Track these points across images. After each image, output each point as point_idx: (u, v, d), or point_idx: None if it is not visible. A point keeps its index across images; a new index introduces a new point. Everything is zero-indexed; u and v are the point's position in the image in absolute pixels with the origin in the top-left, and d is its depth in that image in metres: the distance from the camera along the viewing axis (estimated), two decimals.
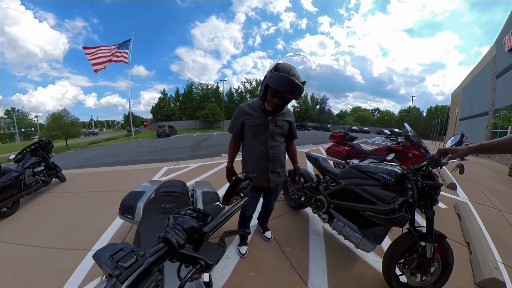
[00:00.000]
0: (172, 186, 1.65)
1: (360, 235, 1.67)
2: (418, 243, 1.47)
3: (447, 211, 3.07)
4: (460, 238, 2.37)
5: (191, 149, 9.89)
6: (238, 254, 1.87)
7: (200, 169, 5.12)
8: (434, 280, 1.51)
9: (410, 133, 3.13)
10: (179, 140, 15.97)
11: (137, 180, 3.69)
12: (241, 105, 1.62)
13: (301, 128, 32.40)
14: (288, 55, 1.57)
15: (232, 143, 1.72)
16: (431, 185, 1.44)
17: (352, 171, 1.89)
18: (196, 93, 45.41)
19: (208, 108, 37.47)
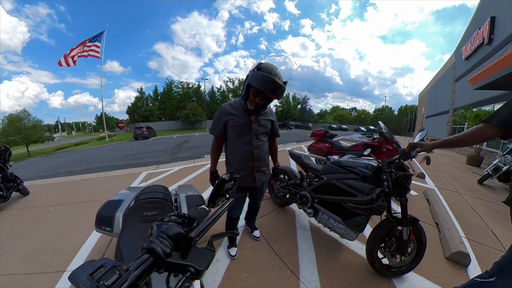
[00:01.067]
0: (153, 191, 1.56)
1: (344, 226, 1.79)
2: (395, 228, 1.63)
3: (418, 198, 3.42)
4: (430, 220, 2.68)
5: (171, 152, 9.45)
6: (228, 257, 1.84)
7: (182, 172, 4.91)
8: (411, 259, 1.70)
9: (384, 130, 3.46)
10: (159, 142, 15.11)
11: (114, 188, 3.43)
12: (222, 106, 1.58)
13: (283, 127, 33.05)
14: (271, 55, 1.59)
15: (214, 145, 1.67)
16: (403, 175, 1.60)
17: (333, 166, 2.01)
18: (176, 92, 42.76)
19: (189, 108, 35.59)
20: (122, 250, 0.96)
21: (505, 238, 2.31)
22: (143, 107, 38.87)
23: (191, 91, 43.52)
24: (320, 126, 37.97)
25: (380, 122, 3.75)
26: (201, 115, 36.10)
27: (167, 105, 40.28)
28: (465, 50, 10.51)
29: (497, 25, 7.77)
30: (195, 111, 35.36)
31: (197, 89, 44.16)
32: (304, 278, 1.66)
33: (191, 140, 14.92)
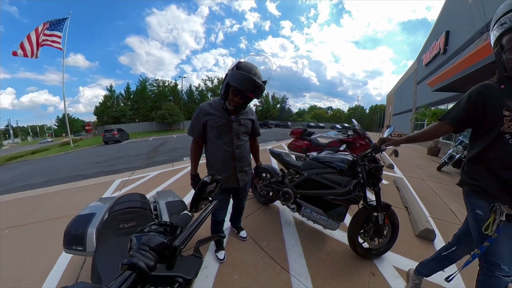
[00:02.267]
0: (129, 201, 1.44)
1: (326, 217, 1.90)
2: (371, 214, 1.78)
3: (389, 186, 3.84)
4: (400, 205, 3.01)
5: (147, 156, 8.81)
6: (217, 261, 1.79)
7: (160, 177, 4.61)
8: (387, 240, 1.89)
9: (357, 127, 3.77)
10: (132, 146, 13.96)
11: (83, 201, 3.05)
12: (201, 105, 1.53)
13: (263, 126, 33.42)
14: (251, 55, 1.58)
15: (194, 147, 1.60)
16: (376, 167, 1.76)
17: (312, 162, 2.11)
18: (151, 90, 39.62)
19: (165, 108, 33.00)
20: (99, 270, 0.86)
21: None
22: (114, 107, 35.19)
23: (167, 89, 40.71)
24: (298, 124, 39.30)
25: (354, 120, 4.07)
26: (178, 115, 33.90)
27: (141, 105, 37.13)
28: (425, 58, 12.06)
29: (451, 38, 9.18)
30: (172, 111, 33.00)
31: (174, 87, 41.49)
32: (294, 271, 1.72)
33: (169, 142, 14.13)
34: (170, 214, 1.45)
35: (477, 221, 1.07)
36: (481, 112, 1.03)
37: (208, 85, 45.76)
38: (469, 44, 7.47)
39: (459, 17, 8.36)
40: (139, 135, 26.14)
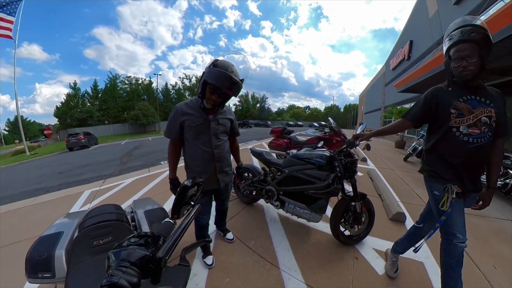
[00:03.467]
0: (102, 213, 1.30)
1: (309, 211, 2.00)
2: (350, 204, 1.94)
3: (363, 177, 4.22)
4: (374, 193, 3.35)
5: (120, 161, 8.09)
6: (205, 267, 1.74)
7: (136, 184, 4.22)
8: (366, 226, 2.06)
9: (333, 125, 4.00)
10: (102, 151, 12.69)
11: (47, 219, 2.69)
12: (177, 105, 1.47)
13: (243, 125, 33.31)
14: (229, 53, 1.55)
15: (171, 149, 1.52)
16: (351, 161, 1.91)
17: (292, 159, 2.18)
18: (122, 88, 35.61)
19: (139, 108, 30.03)
20: None
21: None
22: (79, 108, 30.91)
23: (140, 88, 37.15)
24: (278, 123, 39.96)
25: (330, 118, 4.31)
26: (153, 116, 31.26)
27: (111, 105, 33.38)
28: (392, 63, 13.58)
29: (414, 47, 10.60)
30: (147, 112, 30.28)
31: (148, 85, 38.16)
32: (283, 266, 1.76)
33: (144, 146, 13.21)
34: (150, 224, 1.34)
35: (435, 200, 1.28)
36: (434, 110, 1.25)
37: (185, 84, 43.28)
38: (428, 52, 8.59)
39: (421, 29, 9.55)
40: (110, 138, 23.73)
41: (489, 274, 1.73)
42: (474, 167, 1.19)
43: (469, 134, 1.14)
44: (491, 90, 1.20)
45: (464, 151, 1.16)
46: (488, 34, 1.07)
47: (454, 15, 6.60)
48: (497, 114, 1.12)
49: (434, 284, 1.61)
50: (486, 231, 2.41)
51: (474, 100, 1.15)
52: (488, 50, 1.09)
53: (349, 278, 1.65)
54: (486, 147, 1.15)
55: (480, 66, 1.09)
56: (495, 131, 1.15)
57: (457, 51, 1.11)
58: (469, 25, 1.10)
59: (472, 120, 1.13)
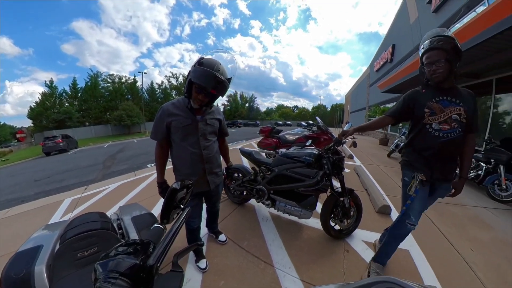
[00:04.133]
0: (86, 222, 1.20)
1: (299, 208, 2.04)
2: (338, 200, 2.00)
3: (350, 173, 4.40)
4: (361, 188, 3.50)
5: (103, 166, 7.66)
6: (199, 271, 1.69)
7: (121, 189, 3.98)
8: (354, 220, 2.13)
9: (320, 124, 4.12)
10: (83, 155, 11.97)
11: (23, 232, 2.48)
12: (164, 106, 1.42)
13: (232, 125, 33.07)
14: (214, 51, 1.52)
15: (158, 151, 1.47)
16: (338, 158, 1.98)
17: (282, 158, 2.21)
18: (104, 87, 33.52)
19: (123, 108, 28.12)
20: None
21: None
22: (56, 108, 28.44)
23: (124, 87, 35.03)
24: (267, 123, 40.41)
25: (317, 117, 4.44)
26: (138, 116, 29.51)
27: (92, 105, 31.21)
28: (376, 65, 14.56)
29: (396, 50, 11.39)
30: (131, 112, 28.49)
31: (133, 84, 36.03)
32: (278, 264, 1.79)
33: (128, 148, 12.63)
34: (139, 231, 1.26)
35: (405, 185, 1.50)
36: (411, 110, 1.43)
37: (172, 83, 41.57)
38: (409, 56, 9.25)
39: (402, 34, 10.30)
40: (91, 141, 22.30)
41: (467, 257, 1.92)
42: (444, 159, 1.35)
43: (440, 130, 1.31)
44: (463, 90, 1.35)
45: (435, 145, 1.32)
46: (455, 42, 1.24)
47: (433, 22, 7.14)
48: (466, 112, 1.28)
49: (420, 269, 1.76)
50: (463, 218, 2.64)
51: (445, 100, 1.32)
52: (455, 55, 1.24)
53: (341, 270, 1.72)
54: (455, 141, 1.30)
55: (448, 69, 1.25)
56: (466, 127, 1.29)
57: (428, 57, 1.30)
58: (437, 36, 1.29)
59: (443, 117, 1.30)
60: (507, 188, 3.17)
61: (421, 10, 8.04)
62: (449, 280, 1.64)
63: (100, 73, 34.34)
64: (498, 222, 2.59)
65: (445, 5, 6.40)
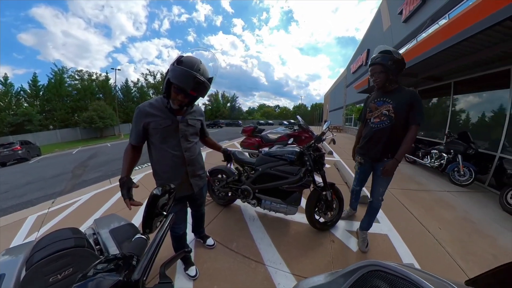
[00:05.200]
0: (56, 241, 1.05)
1: (285, 205, 2.11)
2: (321, 194, 2.11)
3: (331, 169, 4.67)
4: (341, 181, 3.75)
5: (73, 175, 6.82)
6: (189, 279, 1.62)
7: (95, 200, 3.59)
8: (337, 212, 2.27)
9: (301, 122, 4.27)
10: (48, 163, 10.60)
11: None
12: (140, 106, 1.32)
13: (214, 125, 32.45)
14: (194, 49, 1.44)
15: (128, 149, 1.34)
16: (319, 155, 2.08)
17: (265, 157, 2.24)
18: (71, 85, 29.57)
19: (94, 109, 25.01)
20: None
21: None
22: (12, 110, 24.49)
23: (95, 84, 31.45)
24: (249, 122, 40.58)
25: (298, 116, 4.61)
26: (111, 118, 26.39)
27: (57, 105, 27.26)
28: (353, 67, 15.55)
29: (370, 55, 12.33)
30: (103, 113, 25.34)
31: (105, 82, 32.31)
32: (268, 261, 1.81)
33: (101, 154, 11.58)
34: (119, 244, 1.15)
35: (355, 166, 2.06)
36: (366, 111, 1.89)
37: (149, 81, 38.51)
38: None
39: (377, 40, 11.17)
40: (57, 147, 19.64)
41: (436, 234, 2.21)
42: (374, 143, 1.78)
43: (373, 123, 1.77)
44: (404, 91, 1.65)
45: (370, 133, 1.80)
46: (392, 57, 1.58)
47: (403, 30, 7.87)
48: (394, 108, 1.63)
49: (398, 250, 1.96)
50: (431, 202, 3.03)
51: (380, 101, 1.73)
52: (392, 67, 1.58)
53: (329, 260, 1.82)
54: (383, 130, 1.70)
55: (385, 78, 1.63)
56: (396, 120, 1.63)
57: (371, 70, 1.70)
58: (379, 53, 1.65)
59: (376, 114, 1.75)
60: (465, 174, 3.68)
61: (393, 20, 8.77)
62: (423, 257, 1.87)
63: (67, 69, 30.18)
64: (459, 202, 3.01)
65: (413, 16, 7.07)
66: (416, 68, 4.65)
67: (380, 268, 0.54)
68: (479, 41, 3.12)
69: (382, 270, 0.53)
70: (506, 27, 2.59)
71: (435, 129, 5.64)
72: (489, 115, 3.97)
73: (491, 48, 3.28)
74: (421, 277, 0.45)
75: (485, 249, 1.98)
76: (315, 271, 1.69)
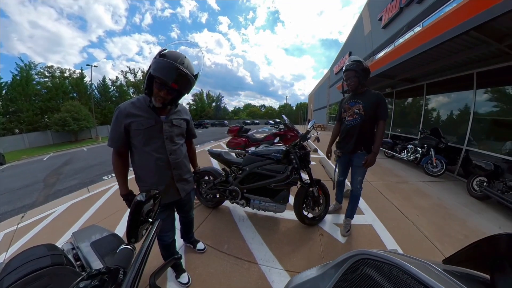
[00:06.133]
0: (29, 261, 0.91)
1: (273, 203, 2.13)
2: (308, 190, 2.16)
3: (316, 166, 4.75)
4: (327, 177, 3.92)
5: (45, 184, 6.12)
6: (182, 287, 1.55)
7: (72, 211, 3.24)
8: (324, 207, 2.33)
9: (287, 122, 4.34)
10: (15, 172, 9.36)
11: None
12: (121, 105, 1.22)
13: (199, 126, 31.73)
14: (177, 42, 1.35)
15: (116, 160, 1.27)
16: (305, 153, 2.13)
17: (252, 157, 2.24)
18: (40, 82, 26.16)
19: (67, 109, 22.26)
20: None
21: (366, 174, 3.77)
22: None
23: (68, 82, 27.83)
24: (235, 122, 40.41)
25: (284, 115, 4.68)
26: (87, 119, 23.81)
27: (24, 106, 23.79)
28: (336, 68, 16.23)
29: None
30: (77, 114, 22.66)
31: (79, 80, 28.72)
32: (261, 260, 1.82)
33: (77, 159, 10.60)
34: (102, 257, 1.05)
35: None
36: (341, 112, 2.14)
37: (129, 79, 35.68)
38: None
39: (358, 43, 11.75)
40: (25, 153, 17.49)
41: (415, 221, 2.40)
42: (348, 137, 2.02)
43: (348, 120, 2.01)
44: (372, 93, 1.91)
45: (345, 130, 2.05)
46: (362, 65, 1.86)
47: (382, 35, 8.39)
48: (363, 107, 1.89)
49: (382, 238, 2.09)
50: (409, 192, 3.33)
51: (353, 102, 1.97)
52: (362, 73, 1.86)
53: (320, 253, 1.88)
54: (355, 126, 1.94)
55: (357, 82, 1.89)
56: (366, 116, 1.88)
57: (345, 75, 1.94)
58: (351, 61, 1.91)
59: (350, 113, 1.99)
60: (437, 166, 4.09)
61: (374, 25, 9.33)
62: (405, 242, 2.02)
63: (35, 64, 26.36)
64: (433, 191, 3.35)
65: (392, 23, 7.62)
66: (393, 70, 5.04)
67: (368, 256, 0.57)
68: (448, 48, 3.46)
69: (369, 258, 0.56)
70: (471, 36, 2.92)
71: (410, 126, 6.13)
72: (456, 113, 4.45)
73: (458, 54, 3.67)
74: (405, 261, 0.48)
75: (458, 231, 2.22)
76: (307, 265, 1.73)
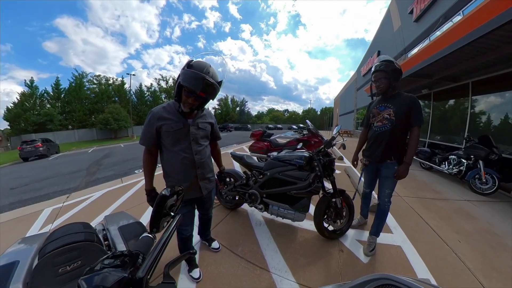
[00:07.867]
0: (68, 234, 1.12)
1: (293, 211, 2.05)
2: (331, 201, 2.04)
3: (341, 175, 4.50)
4: (352, 188, 3.58)
5: (87, 172, 7.18)
6: (193, 281, 1.62)
7: (107, 197, 3.76)
8: (347, 220, 2.17)
9: (310, 127, 4.21)
10: (65, 160, 11.16)
11: None
12: (154, 109, 1.39)
13: (223, 129, 32.87)
14: (204, 53, 1.51)
15: (147, 158, 1.42)
16: (329, 160, 2.02)
17: (273, 162, 2.21)
18: (89, 88, 31.85)
19: (109, 111, 26.33)
20: None
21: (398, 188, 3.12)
22: (36, 110, 26.21)
23: (111, 88, 33.36)
24: (258, 126, 40.74)
25: (308, 121, 4.56)
26: (125, 120, 27.67)
27: (76, 107, 29.32)
28: (363, 70, 15.68)
29: None
30: (118, 115, 26.65)
31: (120, 86, 34.34)
32: (273, 268, 1.76)
33: (115, 154, 11.94)
34: (127, 241, 1.20)
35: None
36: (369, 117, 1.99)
37: (161, 85, 40.33)
38: None
39: (387, 41, 10.89)
40: (74, 146, 20.92)
41: (455, 248, 2.02)
42: (377, 145, 1.87)
43: (376, 126, 1.87)
44: (403, 96, 1.75)
45: (373, 136, 1.90)
46: (393, 65, 1.70)
47: (414, 30, 7.57)
48: (394, 111, 1.74)
49: (412, 263, 1.81)
50: (449, 211, 2.81)
51: (382, 106, 1.83)
52: (393, 74, 1.71)
53: (337, 271, 1.73)
54: (385, 132, 1.80)
55: (387, 84, 1.74)
56: (397, 122, 1.73)
57: (374, 77, 1.81)
58: (381, 61, 1.75)
59: (379, 118, 1.85)
60: (487, 182, 3.39)
61: (404, 20, 8.55)
62: (441, 272, 1.72)
63: (86, 74, 32.20)
64: (481, 213, 2.76)
65: (425, 15, 6.82)
66: (430, 68, 4.39)
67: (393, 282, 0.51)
68: (498, 37, 2.92)
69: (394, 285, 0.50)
70: None
71: (453, 133, 5.31)
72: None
73: (511, 44, 3.07)
74: None
75: (511, 265, 1.80)
76: (322, 281, 1.62)
